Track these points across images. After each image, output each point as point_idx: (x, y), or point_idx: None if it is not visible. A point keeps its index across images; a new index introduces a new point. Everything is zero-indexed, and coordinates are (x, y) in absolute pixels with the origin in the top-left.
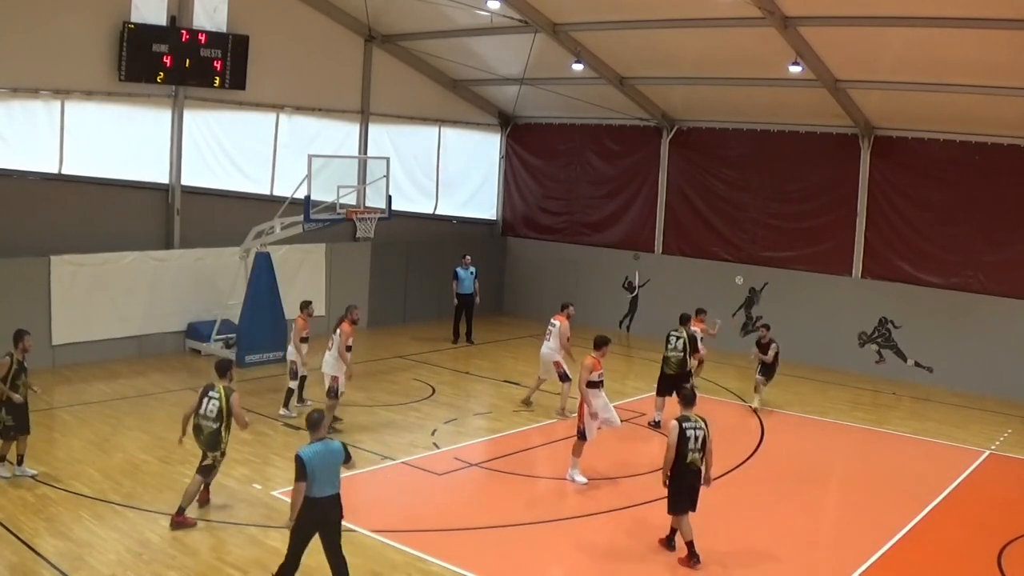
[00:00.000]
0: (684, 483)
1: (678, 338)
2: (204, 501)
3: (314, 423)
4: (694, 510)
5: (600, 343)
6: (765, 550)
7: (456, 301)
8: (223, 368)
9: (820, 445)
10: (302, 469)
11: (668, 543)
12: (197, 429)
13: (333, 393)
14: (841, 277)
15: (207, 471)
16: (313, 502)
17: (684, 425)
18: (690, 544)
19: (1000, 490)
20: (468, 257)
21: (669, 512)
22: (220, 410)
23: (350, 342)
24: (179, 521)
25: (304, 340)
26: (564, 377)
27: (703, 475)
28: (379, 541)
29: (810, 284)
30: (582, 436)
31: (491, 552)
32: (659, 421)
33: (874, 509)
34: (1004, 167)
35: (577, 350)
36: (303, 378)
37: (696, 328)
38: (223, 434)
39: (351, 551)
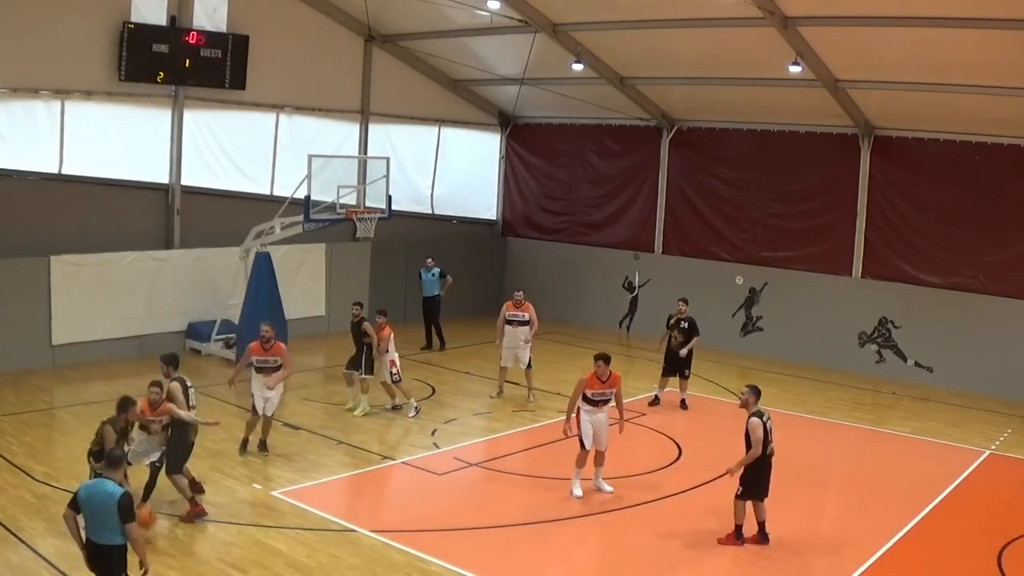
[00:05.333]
0: (765, 471)
1: None
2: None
3: (111, 461)
4: (767, 495)
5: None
6: (765, 550)
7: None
8: None
9: (820, 445)
10: (72, 498)
11: (762, 536)
12: None
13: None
14: (841, 277)
15: None
16: (87, 543)
17: (765, 420)
18: (762, 524)
19: (1000, 490)
20: (430, 259)
21: (746, 498)
22: None
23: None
24: None
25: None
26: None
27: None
28: (379, 541)
29: (810, 284)
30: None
31: (491, 552)
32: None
33: (874, 509)
34: (1004, 167)
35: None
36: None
37: None
38: None
39: (351, 551)
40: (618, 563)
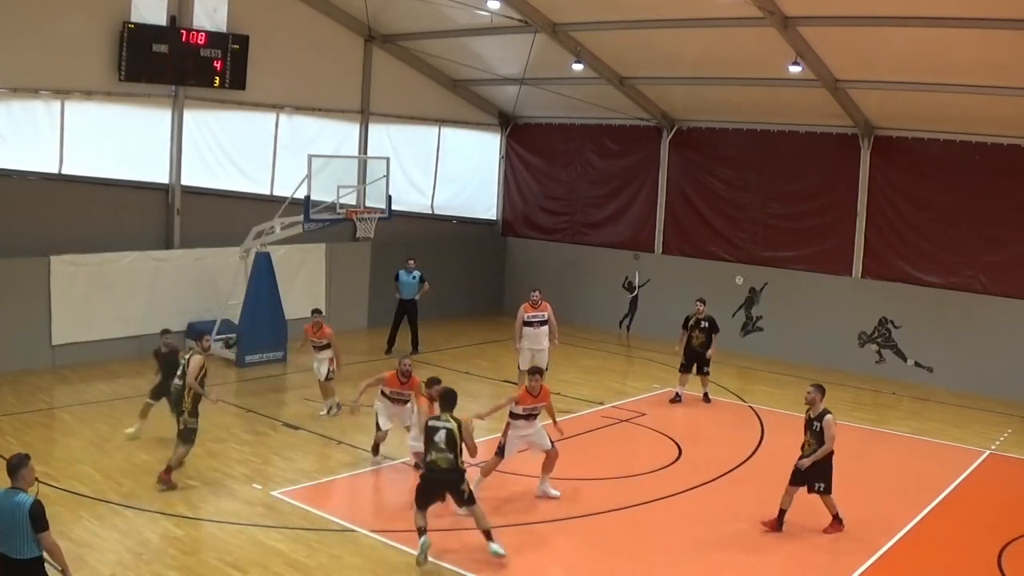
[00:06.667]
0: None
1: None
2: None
3: (11, 468)
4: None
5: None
6: (765, 550)
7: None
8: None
9: None
10: None
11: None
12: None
13: None
14: (841, 277)
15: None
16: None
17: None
18: (783, 512)
19: (1000, 490)
20: (412, 261)
21: (830, 492)
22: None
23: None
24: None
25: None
26: None
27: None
28: (379, 541)
29: (810, 284)
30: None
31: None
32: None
33: (874, 509)
34: (1004, 167)
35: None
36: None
37: None
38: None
39: (352, 551)
40: (618, 563)
